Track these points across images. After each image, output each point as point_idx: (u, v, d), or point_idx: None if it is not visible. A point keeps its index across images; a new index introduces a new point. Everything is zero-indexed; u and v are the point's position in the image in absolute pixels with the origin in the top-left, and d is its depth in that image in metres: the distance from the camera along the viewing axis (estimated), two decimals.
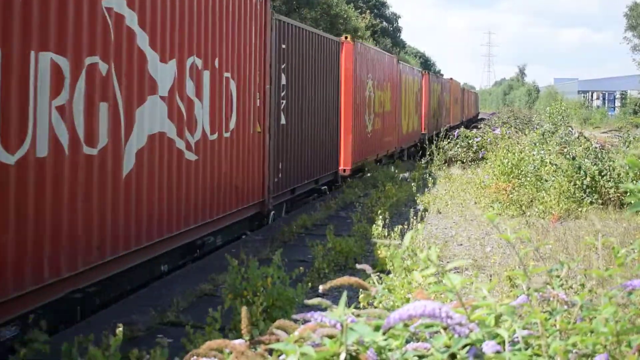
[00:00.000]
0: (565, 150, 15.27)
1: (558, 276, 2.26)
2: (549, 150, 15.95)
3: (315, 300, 2.00)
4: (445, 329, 1.83)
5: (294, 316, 2.03)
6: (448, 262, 2.00)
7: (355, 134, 18.49)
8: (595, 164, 13.75)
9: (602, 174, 13.55)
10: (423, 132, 31.91)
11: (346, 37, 18.42)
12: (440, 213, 13.71)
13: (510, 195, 13.56)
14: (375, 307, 3.23)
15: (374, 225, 10.41)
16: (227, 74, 10.07)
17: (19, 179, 5.66)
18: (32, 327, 5.56)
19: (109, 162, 7.04)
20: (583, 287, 2.56)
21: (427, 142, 30.00)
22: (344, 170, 18.06)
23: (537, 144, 16.93)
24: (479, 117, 68.63)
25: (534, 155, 15.37)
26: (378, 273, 8.26)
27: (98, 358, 4.65)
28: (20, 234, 5.67)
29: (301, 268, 6.92)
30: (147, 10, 7.81)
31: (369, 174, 19.26)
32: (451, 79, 46.86)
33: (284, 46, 13.01)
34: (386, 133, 22.88)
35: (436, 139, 27.93)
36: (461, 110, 53.64)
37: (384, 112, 22.59)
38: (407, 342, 1.86)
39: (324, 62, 16.25)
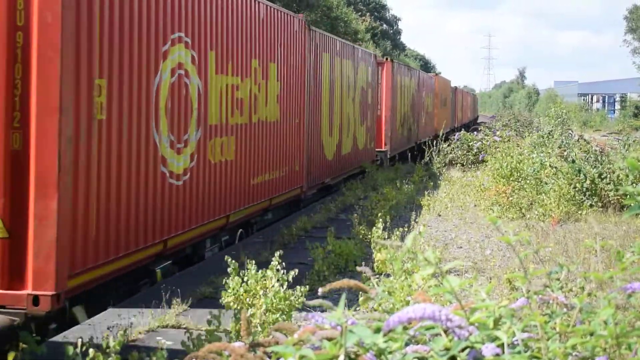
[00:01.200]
0: (565, 153, 15.27)
1: (558, 279, 2.26)
2: (549, 153, 15.95)
3: (316, 302, 2.00)
4: (445, 331, 1.83)
5: (295, 316, 2.04)
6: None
7: (87, 191, 6.72)
8: (595, 167, 13.76)
9: (602, 177, 13.55)
10: (382, 149, 22.66)
11: None
12: (440, 216, 13.71)
13: (510, 198, 13.57)
14: (375, 310, 3.24)
15: (374, 228, 10.41)
16: None
17: None
18: (21, 329, 5.55)
19: None
20: (582, 290, 2.56)
21: (388, 163, 22.65)
22: (36, 301, 5.86)
23: (537, 147, 16.93)
24: (478, 121, 65.52)
25: (533, 158, 15.38)
26: (378, 276, 8.27)
27: None
28: None
29: (296, 269, 6.92)
30: None
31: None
32: (436, 74, 38.50)
33: None
34: (262, 167, 11.57)
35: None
36: (452, 114, 43.23)
37: (254, 122, 11.24)
38: (407, 344, 1.86)
39: None
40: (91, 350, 4.76)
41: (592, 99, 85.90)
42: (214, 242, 10.36)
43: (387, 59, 23.90)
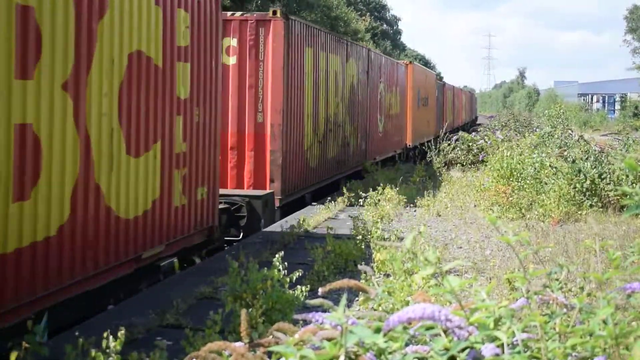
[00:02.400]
0: (565, 153, 15.27)
1: (557, 279, 2.26)
2: (549, 153, 15.95)
3: (317, 301, 2.01)
4: (445, 331, 1.84)
5: (296, 316, 2.04)
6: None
7: None
8: (594, 167, 13.75)
9: (602, 177, 13.55)
10: (266, 190, 12.62)
11: None
12: (439, 216, 13.71)
13: (510, 198, 13.56)
14: (375, 310, 3.24)
15: (374, 228, 10.42)
16: None
17: None
18: (29, 330, 5.55)
19: None
20: (582, 290, 2.57)
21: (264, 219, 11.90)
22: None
23: (537, 147, 16.93)
24: (477, 123, 60.90)
25: (533, 158, 15.37)
26: (378, 275, 8.27)
27: None
28: None
29: (300, 270, 6.92)
30: None
31: None
32: (409, 63, 27.55)
33: None
34: None
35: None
36: (438, 117, 33.33)
37: None
38: (407, 344, 1.87)
39: None
40: (92, 350, 4.77)
41: (592, 99, 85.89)
42: None
43: (274, 11, 13.03)
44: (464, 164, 22.45)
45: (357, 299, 7.29)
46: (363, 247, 9.90)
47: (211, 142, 9.95)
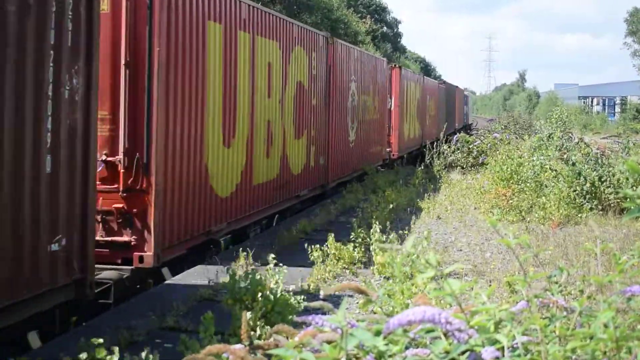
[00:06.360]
0: (565, 156, 15.26)
1: (557, 282, 2.26)
2: (549, 155, 15.94)
3: (317, 304, 2.00)
4: (445, 334, 1.83)
5: (295, 318, 2.04)
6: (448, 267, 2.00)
7: None
8: (595, 170, 13.75)
9: (602, 180, 13.54)
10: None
11: None
12: (439, 218, 13.70)
13: (510, 201, 13.56)
14: (375, 313, 3.23)
15: (372, 230, 10.41)
16: None
17: None
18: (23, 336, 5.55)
19: None
20: (582, 293, 2.56)
21: None
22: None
23: (537, 150, 16.91)
24: (472, 128, 51.31)
25: (533, 160, 15.37)
26: (378, 278, 8.25)
27: None
28: None
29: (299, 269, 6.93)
30: None
31: None
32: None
33: None
34: None
35: None
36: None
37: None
38: (407, 347, 1.86)
39: None
40: (90, 354, 4.75)
41: (592, 101, 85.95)
42: None
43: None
44: (464, 166, 22.45)
45: (357, 301, 7.28)
46: (363, 249, 9.89)
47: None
